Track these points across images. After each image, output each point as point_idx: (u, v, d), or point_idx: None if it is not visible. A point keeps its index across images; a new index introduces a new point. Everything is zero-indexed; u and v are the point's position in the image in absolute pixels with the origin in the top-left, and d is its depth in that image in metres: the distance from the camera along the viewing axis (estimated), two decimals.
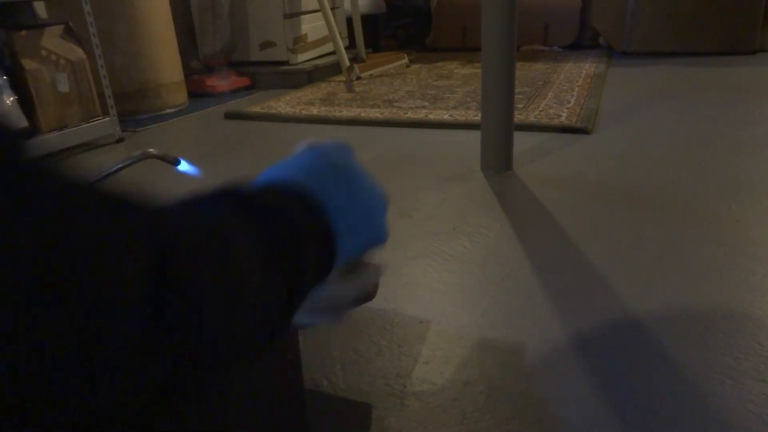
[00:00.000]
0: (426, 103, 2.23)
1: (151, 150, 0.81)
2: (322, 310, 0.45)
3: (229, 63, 2.89)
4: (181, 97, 2.53)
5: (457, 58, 3.30)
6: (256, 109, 2.33)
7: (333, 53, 2.87)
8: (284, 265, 0.33)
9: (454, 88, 2.49)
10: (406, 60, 3.06)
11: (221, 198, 0.34)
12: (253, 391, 0.51)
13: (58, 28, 1.87)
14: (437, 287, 0.94)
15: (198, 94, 2.70)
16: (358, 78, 2.68)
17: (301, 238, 0.34)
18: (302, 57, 2.91)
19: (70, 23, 1.91)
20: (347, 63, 2.61)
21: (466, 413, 0.66)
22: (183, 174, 1.61)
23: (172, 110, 2.45)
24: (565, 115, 1.92)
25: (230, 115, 2.30)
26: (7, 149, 0.21)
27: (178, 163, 0.83)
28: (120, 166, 0.78)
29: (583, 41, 3.43)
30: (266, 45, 2.86)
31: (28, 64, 1.74)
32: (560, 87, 2.37)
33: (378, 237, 0.44)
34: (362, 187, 0.42)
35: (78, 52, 1.89)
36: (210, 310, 0.27)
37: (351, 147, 0.44)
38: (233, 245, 0.30)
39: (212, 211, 0.33)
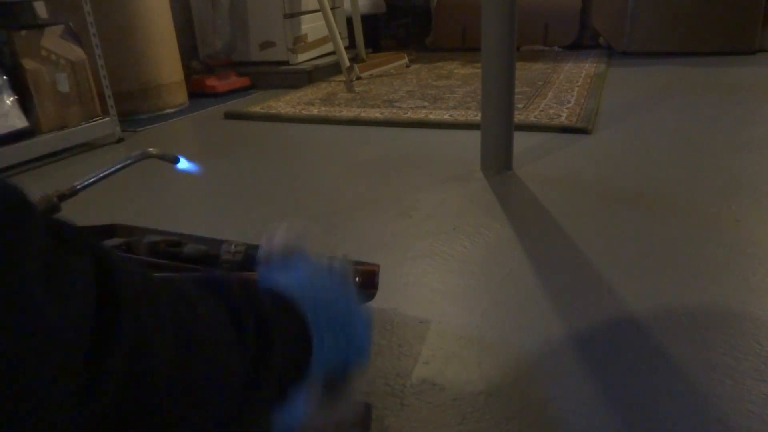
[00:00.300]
0: (426, 103, 2.23)
1: (150, 150, 0.81)
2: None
3: (229, 63, 2.89)
4: (181, 97, 2.53)
5: (457, 58, 3.30)
6: (256, 109, 2.33)
7: (333, 53, 2.87)
8: (250, 337, 0.33)
9: (454, 88, 2.49)
10: (406, 60, 3.06)
11: (195, 278, 0.35)
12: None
13: (58, 28, 1.87)
14: (437, 287, 0.94)
15: (198, 94, 2.70)
16: (358, 78, 2.68)
17: (268, 317, 0.35)
18: (302, 57, 2.91)
19: (70, 23, 1.91)
20: (347, 63, 2.61)
21: (466, 413, 0.66)
22: (183, 172, 1.61)
23: (172, 110, 2.45)
24: (565, 115, 1.92)
25: (230, 115, 2.30)
26: None
27: (178, 161, 0.83)
28: (119, 166, 0.78)
29: (583, 41, 3.43)
30: (266, 45, 2.86)
31: (28, 64, 1.74)
32: (560, 87, 2.37)
33: (358, 353, 0.43)
34: (349, 301, 0.43)
35: (78, 52, 1.89)
36: (159, 353, 0.26)
37: (345, 265, 0.45)
38: (191, 301, 0.30)
39: (179, 280, 0.33)
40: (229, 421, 0.33)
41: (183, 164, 0.84)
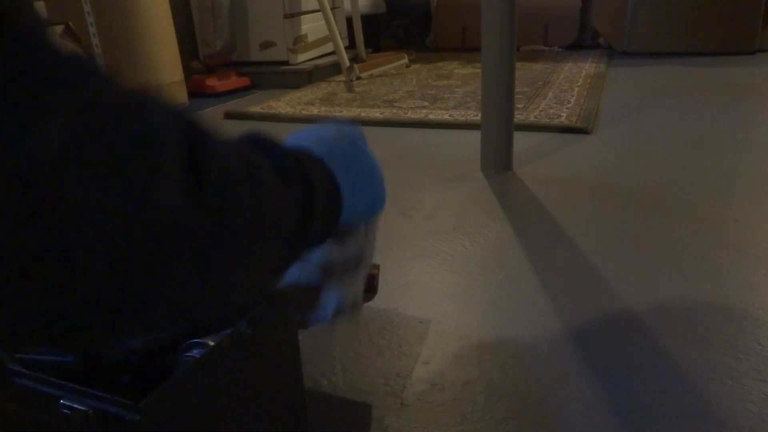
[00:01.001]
0: (426, 103, 2.23)
1: None
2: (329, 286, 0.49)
3: (229, 63, 2.89)
4: (181, 97, 2.52)
5: (457, 58, 3.30)
6: (256, 109, 2.33)
7: (333, 53, 2.87)
8: (297, 185, 0.36)
9: (454, 88, 2.49)
10: (406, 60, 3.06)
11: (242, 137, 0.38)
12: (253, 391, 0.51)
13: (58, 28, 1.87)
14: (437, 287, 0.94)
15: (198, 94, 2.70)
16: (358, 78, 2.68)
17: (308, 174, 0.38)
18: (302, 57, 2.91)
19: (70, 23, 1.91)
20: (347, 63, 2.61)
21: (466, 413, 0.66)
22: None
23: None
24: (565, 115, 1.92)
25: (230, 115, 2.30)
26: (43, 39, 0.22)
27: None
28: None
29: (583, 41, 3.43)
30: (266, 45, 2.86)
31: None
32: (560, 87, 2.37)
33: (376, 202, 0.48)
34: (366, 159, 0.48)
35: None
36: (236, 192, 0.29)
37: (359, 129, 0.51)
38: (251, 154, 0.33)
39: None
40: (281, 266, 0.37)
41: None
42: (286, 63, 2.85)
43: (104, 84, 0.24)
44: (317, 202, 0.37)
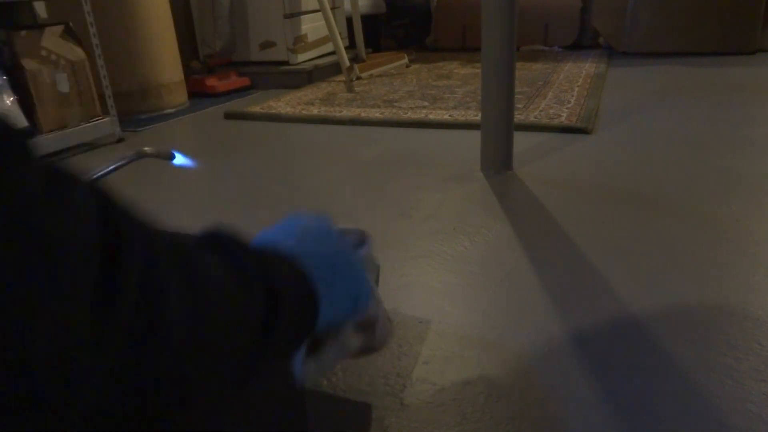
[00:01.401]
0: (426, 103, 2.23)
1: (145, 149, 0.80)
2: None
3: (229, 63, 2.89)
4: (181, 97, 2.53)
5: (457, 58, 3.30)
6: (256, 109, 2.33)
7: (333, 53, 2.87)
8: (257, 289, 0.32)
9: (454, 88, 2.49)
10: (406, 60, 3.06)
11: (202, 236, 0.34)
12: (252, 391, 0.51)
13: (58, 28, 1.87)
14: (437, 287, 0.94)
15: (198, 94, 2.70)
16: (358, 78, 2.68)
17: (273, 275, 0.34)
18: (302, 57, 2.91)
19: (70, 23, 1.91)
20: (347, 63, 2.61)
21: (466, 413, 0.66)
22: (179, 168, 1.61)
23: (172, 110, 2.45)
24: (565, 115, 1.92)
25: (230, 115, 2.30)
26: None
27: (173, 157, 0.83)
28: (114, 166, 0.78)
29: (583, 41, 3.43)
30: (266, 45, 2.86)
31: (28, 64, 1.74)
32: (560, 87, 2.37)
33: (359, 298, 0.43)
34: (342, 251, 0.43)
35: (78, 52, 1.89)
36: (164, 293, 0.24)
37: (329, 220, 0.46)
38: (201, 253, 0.29)
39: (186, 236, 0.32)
40: (236, 383, 0.32)
41: (179, 159, 0.84)
42: (286, 63, 2.85)
43: (15, 157, 0.20)
44: (284, 306, 0.33)
